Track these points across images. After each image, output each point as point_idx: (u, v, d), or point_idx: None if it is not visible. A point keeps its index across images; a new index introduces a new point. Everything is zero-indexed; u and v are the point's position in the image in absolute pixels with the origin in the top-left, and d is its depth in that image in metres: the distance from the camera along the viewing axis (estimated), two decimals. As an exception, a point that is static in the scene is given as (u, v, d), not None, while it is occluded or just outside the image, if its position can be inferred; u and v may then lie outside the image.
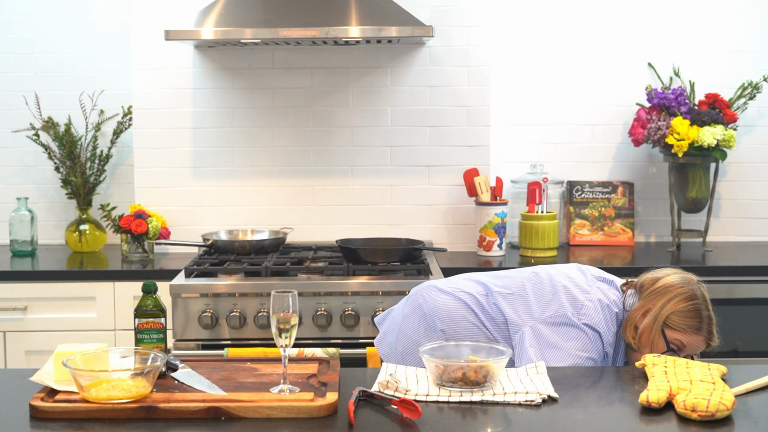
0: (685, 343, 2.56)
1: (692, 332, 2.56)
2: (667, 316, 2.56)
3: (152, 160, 4.26)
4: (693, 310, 2.57)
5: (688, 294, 2.59)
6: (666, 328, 2.57)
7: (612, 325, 2.63)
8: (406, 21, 3.79)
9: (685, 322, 2.56)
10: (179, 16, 4.13)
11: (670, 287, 2.60)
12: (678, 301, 2.57)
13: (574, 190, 4.36)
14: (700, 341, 2.58)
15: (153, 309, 2.35)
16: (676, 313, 2.56)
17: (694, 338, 2.57)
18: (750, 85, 4.26)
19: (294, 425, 2.04)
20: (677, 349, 2.57)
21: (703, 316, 2.57)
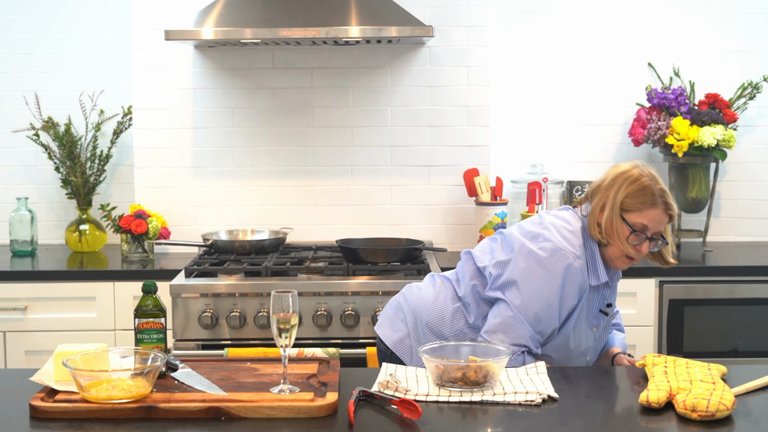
0: (646, 223, 2.61)
1: (648, 208, 2.60)
2: (622, 202, 2.61)
3: (152, 160, 4.26)
4: (642, 188, 2.61)
5: (634, 176, 2.63)
6: (624, 214, 2.61)
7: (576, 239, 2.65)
8: (406, 21, 3.79)
9: (639, 201, 2.60)
10: (179, 16, 4.13)
11: (617, 177, 2.65)
12: (627, 185, 2.62)
13: (574, 190, 4.36)
14: (660, 215, 2.61)
15: (153, 309, 2.35)
16: (628, 196, 2.61)
17: (652, 213, 2.60)
18: (750, 85, 4.26)
19: (294, 425, 2.04)
20: (642, 231, 2.61)
21: (654, 190, 2.61)
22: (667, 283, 3.81)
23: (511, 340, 2.57)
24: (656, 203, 2.61)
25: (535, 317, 2.58)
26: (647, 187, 2.61)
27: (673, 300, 3.81)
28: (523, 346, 2.58)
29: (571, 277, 2.58)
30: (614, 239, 2.62)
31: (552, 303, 2.58)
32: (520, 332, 2.57)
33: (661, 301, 3.82)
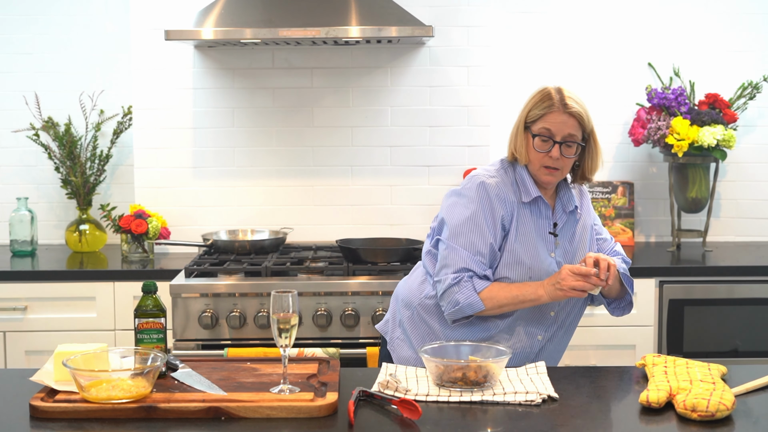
0: (548, 127, 2.62)
1: (547, 111, 2.63)
2: (526, 116, 2.67)
3: (152, 160, 4.26)
4: (542, 96, 2.67)
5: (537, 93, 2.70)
6: (531, 126, 2.66)
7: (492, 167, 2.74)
8: (406, 21, 3.79)
9: (539, 108, 2.65)
10: (179, 16, 4.13)
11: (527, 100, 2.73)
12: (531, 100, 2.69)
13: (574, 190, 4.36)
14: (560, 116, 2.63)
15: (153, 309, 2.35)
16: (531, 109, 2.67)
17: (552, 116, 2.63)
18: (750, 85, 4.26)
19: (294, 425, 2.04)
20: (548, 136, 2.62)
21: (552, 96, 2.65)
22: (667, 283, 3.81)
23: (453, 268, 2.64)
24: (553, 105, 2.63)
25: (468, 241, 2.64)
26: (546, 93, 2.66)
27: (673, 300, 3.81)
28: (466, 270, 2.63)
29: (486, 192, 2.66)
30: (527, 152, 2.67)
31: (477, 221, 2.64)
32: (457, 259, 2.63)
33: (661, 301, 3.82)
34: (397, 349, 2.83)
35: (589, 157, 2.73)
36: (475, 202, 2.66)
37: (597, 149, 2.74)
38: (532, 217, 2.69)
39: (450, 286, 2.64)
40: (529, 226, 2.68)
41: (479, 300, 2.62)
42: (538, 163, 2.65)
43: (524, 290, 2.62)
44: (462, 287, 2.62)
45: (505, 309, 2.64)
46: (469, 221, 2.65)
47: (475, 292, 2.62)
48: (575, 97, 2.68)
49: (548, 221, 2.71)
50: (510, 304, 2.63)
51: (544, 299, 2.61)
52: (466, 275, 2.63)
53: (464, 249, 2.64)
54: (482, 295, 2.62)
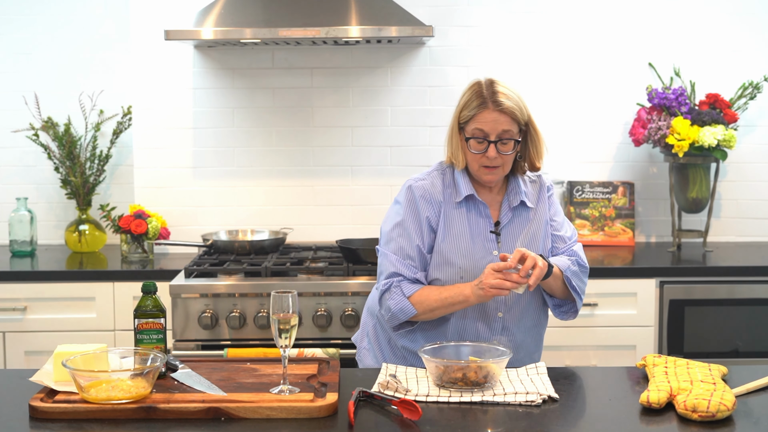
0: (481, 127, 2.54)
1: (478, 111, 2.54)
2: (459, 116, 2.59)
3: (152, 160, 4.26)
4: (471, 94, 2.57)
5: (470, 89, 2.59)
6: (464, 127, 2.58)
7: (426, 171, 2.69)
8: (406, 21, 3.79)
9: (469, 108, 2.56)
10: (179, 16, 4.13)
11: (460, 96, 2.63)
12: (463, 100, 2.60)
13: (575, 190, 4.36)
14: (491, 114, 2.54)
15: (153, 309, 2.35)
16: (462, 109, 2.59)
17: (483, 116, 2.54)
18: (750, 85, 4.25)
19: (294, 426, 2.04)
20: (483, 137, 2.54)
21: (483, 95, 2.55)
22: (668, 284, 3.81)
23: (385, 275, 2.62)
24: (484, 104, 2.54)
25: (397, 246, 2.62)
26: (476, 90, 2.57)
27: (674, 300, 3.81)
28: (396, 275, 2.61)
29: (412, 194, 2.63)
30: (464, 155, 2.61)
31: (404, 224, 2.62)
32: (388, 264, 2.62)
33: (662, 301, 3.81)
34: (363, 359, 2.81)
35: (532, 147, 2.65)
36: (402, 205, 2.64)
37: (538, 137, 2.65)
38: (467, 216, 2.63)
39: (382, 292, 2.62)
40: (461, 226, 2.62)
41: (410, 304, 2.58)
42: (476, 164, 2.59)
43: (452, 292, 2.56)
44: (392, 293, 2.60)
45: (438, 312, 2.58)
46: (397, 226, 2.63)
47: (404, 296, 2.58)
48: (507, 90, 2.58)
49: (488, 220, 2.64)
50: (441, 307, 2.57)
51: (471, 300, 2.53)
52: (396, 280, 2.60)
53: (394, 254, 2.62)
54: (412, 299, 2.58)
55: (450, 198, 2.64)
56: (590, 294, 3.80)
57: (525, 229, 2.67)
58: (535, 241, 2.67)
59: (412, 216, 2.63)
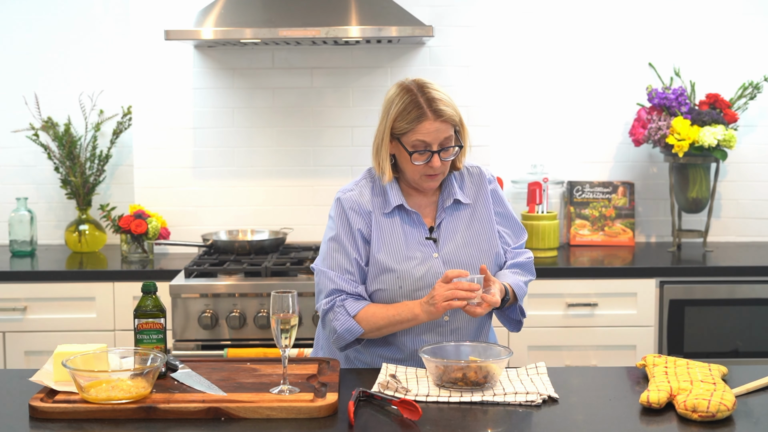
0: (423, 139, 2.44)
1: (418, 123, 2.43)
2: (392, 127, 2.47)
3: (152, 160, 4.26)
4: (406, 103, 2.44)
5: (396, 96, 2.47)
6: (400, 138, 2.46)
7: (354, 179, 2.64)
8: (406, 21, 3.78)
9: (406, 119, 2.44)
10: (179, 16, 4.13)
11: (387, 101, 2.50)
12: (395, 107, 2.46)
13: (575, 190, 4.36)
14: (433, 124, 2.43)
15: (153, 309, 2.35)
16: (397, 119, 2.45)
17: (424, 127, 2.43)
18: (751, 85, 4.25)
19: (294, 426, 2.04)
20: (425, 148, 2.45)
21: (419, 102, 2.43)
22: (668, 284, 3.81)
23: (325, 293, 2.53)
24: (424, 115, 2.42)
25: (333, 262, 2.53)
26: (411, 99, 2.44)
27: (674, 300, 3.81)
28: (337, 291, 2.51)
29: (341, 207, 2.56)
30: (404, 166, 2.50)
31: (338, 238, 2.54)
32: (327, 282, 2.52)
33: (662, 301, 3.81)
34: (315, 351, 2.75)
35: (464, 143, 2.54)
36: (334, 220, 2.57)
37: (466, 134, 2.53)
38: (400, 225, 2.54)
39: (325, 312, 2.52)
40: (395, 235, 2.54)
41: (356, 323, 2.48)
42: (418, 174, 2.50)
43: (400, 310, 2.47)
44: (336, 313, 2.50)
45: (385, 331, 2.50)
46: (331, 241, 2.55)
47: (350, 315, 2.49)
48: (441, 95, 2.46)
49: (422, 227, 2.56)
50: (388, 325, 2.48)
51: (421, 318, 2.44)
52: (338, 298, 2.51)
53: (331, 270, 2.53)
54: (358, 318, 2.49)
55: (379, 207, 2.56)
56: (590, 294, 3.81)
57: (463, 226, 2.58)
58: (478, 240, 2.59)
59: (345, 229, 2.54)
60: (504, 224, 2.67)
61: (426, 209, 2.61)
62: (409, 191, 2.60)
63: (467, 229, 2.59)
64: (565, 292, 3.82)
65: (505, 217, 2.67)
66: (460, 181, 2.63)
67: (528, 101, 4.41)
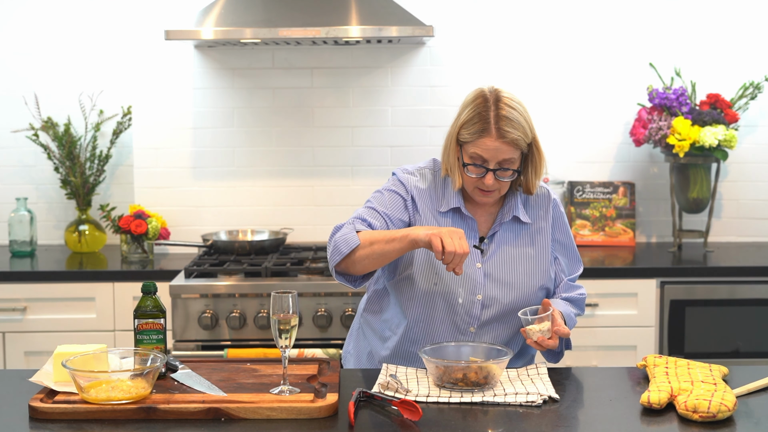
0: (480, 153, 2.40)
1: (479, 137, 2.39)
2: (459, 132, 2.44)
3: (152, 160, 4.26)
4: (475, 114, 2.41)
5: (475, 102, 2.43)
6: (463, 145, 2.44)
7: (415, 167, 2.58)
8: (407, 21, 3.78)
9: (471, 130, 2.41)
10: (179, 16, 4.12)
11: (465, 104, 2.47)
12: (465, 114, 2.43)
13: (575, 191, 4.36)
14: (493, 143, 2.38)
15: (153, 310, 2.34)
16: (464, 126, 2.42)
17: (484, 143, 2.39)
18: (751, 85, 4.25)
19: (294, 426, 2.04)
20: (481, 163, 2.42)
21: (487, 117, 2.39)
22: (669, 284, 3.81)
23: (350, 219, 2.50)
24: (487, 131, 2.38)
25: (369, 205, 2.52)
26: (481, 113, 2.40)
27: (675, 300, 3.81)
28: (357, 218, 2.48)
29: (395, 180, 2.54)
30: (460, 173, 2.46)
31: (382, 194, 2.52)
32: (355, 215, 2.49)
33: (662, 301, 3.81)
34: (345, 365, 2.73)
35: (531, 168, 2.49)
36: (386, 185, 2.56)
37: (540, 157, 2.48)
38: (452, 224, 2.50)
39: (336, 229, 2.47)
40: None
41: (355, 235, 2.41)
42: (472, 186, 2.46)
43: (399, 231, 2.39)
44: (344, 227, 2.45)
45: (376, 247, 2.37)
46: (376, 193, 2.55)
47: (354, 229, 2.44)
48: (513, 113, 2.41)
49: (475, 234, 2.52)
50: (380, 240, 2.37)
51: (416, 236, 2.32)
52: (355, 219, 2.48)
53: (363, 207, 2.52)
54: (361, 234, 2.42)
55: (434, 203, 2.52)
56: (591, 294, 3.80)
57: (517, 245, 2.53)
58: (528, 261, 2.53)
59: (393, 190, 2.52)
60: (562, 252, 2.60)
61: (483, 218, 2.55)
62: (470, 198, 2.54)
63: (520, 247, 2.54)
64: (565, 293, 3.81)
65: (565, 246, 2.61)
66: (524, 199, 2.57)
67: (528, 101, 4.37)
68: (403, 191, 2.54)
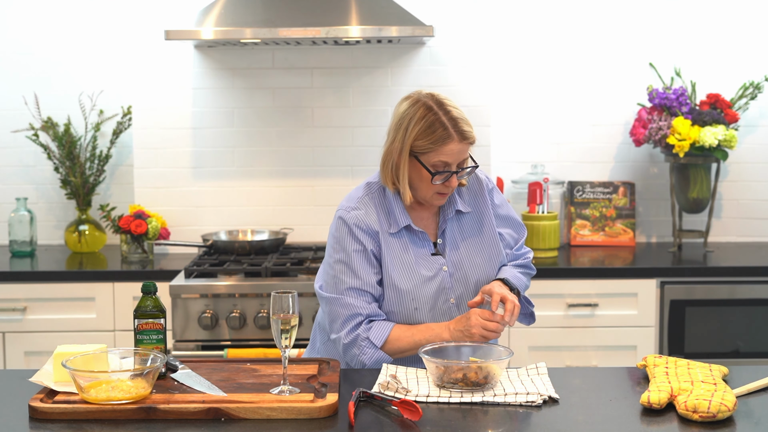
0: (445, 160, 2.40)
1: (441, 145, 2.38)
2: (413, 144, 2.40)
3: (152, 160, 4.26)
4: (431, 123, 2.39)
5: (420, 111, 2.40)
6: (420, 156, 2.41)
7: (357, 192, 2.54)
8: (407, 21, 3.78)
9: (428, 138, 2.39)
10: (179, 16, 4.12)
11: (401, 118, 2.43)
12: (414, 124, 2.39)
13: (575, 191, 4.36)
14: (457, 146, 2.40)
15: (153, 310, 2.34)
16: (418, 137, 2.39)
17: (449, 148, 2.39)
18: (751, 85, 4.25)
19: (294, 426, 2.04)
20: (444, 167, 2.41)
21: (444, 123, 2.38)
22: (669, 284, 3.81)
23: (341, 321, 2.47)
24: (450, 137, 2.38)
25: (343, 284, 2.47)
26: (436, 122, 2.38)
27: (675, 300, 3.81)
28: (354, 317, 2.46)
29: (348, 226, 2.48)
30: (417, 183, 2.44)
31: (347, 259, 2.47)
32: (339, 309, 2.47)
33: (662, 301, 3.81)
34: None
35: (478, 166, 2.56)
36: (341, 241, 2.49)
37: None
38: (408, 242, 2.51)
39: (348, 346, 2.47)
40: (404, 253, 2.51)
41: (384, 354, 2.46)
42: (431, 192, 2.46)
43: (427, 335, 2.46)
44: (362, 347, 2.46)
45: (408, 353, 2.47)
46: (339, 264, 2.48)
47: (377, 348, 2.46)
48: (462, 114, 2.42)
49: (428, 243, 2.54)
50: (413, 349, 2.45)
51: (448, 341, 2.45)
52: (360, 329, 2.46)
53: (342, 295, 2.47)
54: (386, 348, 2.47)
55: (385, 227, 2.50)
56: (591, 294, 3.80)
57: (466, 235, 2.57)
58: (482, 247, 2.57)
59: (355, 249, 2.48)
60: (504, 225, 2.65)
61: (426, 222, 2.57)
62: (409, 206, 2.54)
63: (470, 237, 2.58)
64: (565, 293, 3.81)
65: (504, 218, 2.65)
66: (458, 189, 2.60)
67: (528, 101, 4.41)
68: (360, 244, 2.49)
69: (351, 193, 2.58)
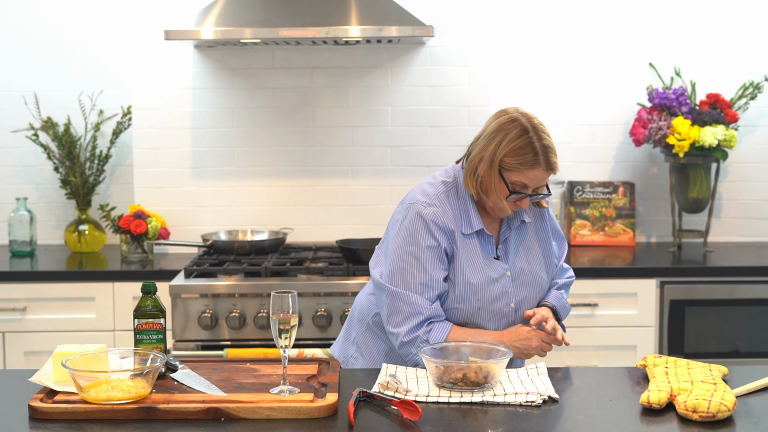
0: (526, 182, 2.47)
1: (528, 168, 2.45)
2: (501, 159, 2.45)
3: (152, 160, 4.26)
4: (523, 146, 2.44)
5: (515, 132, 2.45)
6: (504, 171, 2.46)
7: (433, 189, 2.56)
8: (407, 21, 3.78)
9: (519, 160, 2.44)
10: (179, 16, 4.12)
11: (498, 129, 2.48)
12: (508, 142, 2.45)
13: (575, 191, 4.36)
14: (541, 173, 2.46)
15: (152, 309, 2.34)
16: (508, 155, 2.45)
17: (533, 174, 2.45)
18: (751, 85, 4.25)
19: (294, 426, 2.04)
20: (522, 190, 2.48)
21: (536, 149, 2.44)
22: (668, 284, 3.81)
23: (402, 316, 2.49)
24: (538, 163, 2.44)
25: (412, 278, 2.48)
26: (528, 145, 2.44)
27: (674, 300, 3.81)
28: (416, 316, 2.47)
29: (425, 221, 2.50)
30: (492, 195, 2.49)
31: (419, 253, 2.49)
32: (403, 306, 2.48)
33: (662, 301, 3.81)
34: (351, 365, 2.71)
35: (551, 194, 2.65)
36: (415, 234, 2.50)
37: None
38: (478, 244, 2.56)
39: (406, 345, 2.48)
40: (475, 255, 2.55)
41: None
42: (500, 205, 2.51)
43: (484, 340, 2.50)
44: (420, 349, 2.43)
45: None
46: (410, 257, 2.49)
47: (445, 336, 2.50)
48: (551, 142, 2.48)
49: (492, 248, 2.58)
50: None
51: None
52: (421, 331, 2.47)
53: (409, 291, 2.49)
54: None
55: (460, 227, 2.54)
56: (590, 294, 3.80)
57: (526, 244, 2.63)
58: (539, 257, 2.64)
59: (429, 244, 2.49)
60: (552, 236, 2.72)
61: (490, 227, 2.61)
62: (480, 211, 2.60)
63: (531, 246, 2.64)
64: (565, 293, 3.81)
65: (554, 230, 2.72)
66: None
67: (528, 101, 4.41)
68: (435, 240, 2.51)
69: (424, 187, 2.59)
